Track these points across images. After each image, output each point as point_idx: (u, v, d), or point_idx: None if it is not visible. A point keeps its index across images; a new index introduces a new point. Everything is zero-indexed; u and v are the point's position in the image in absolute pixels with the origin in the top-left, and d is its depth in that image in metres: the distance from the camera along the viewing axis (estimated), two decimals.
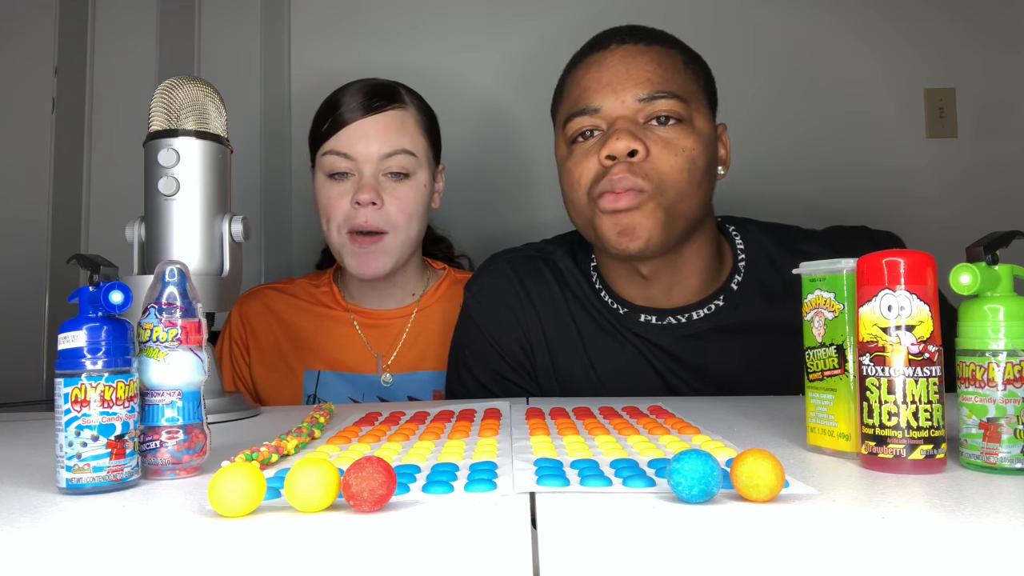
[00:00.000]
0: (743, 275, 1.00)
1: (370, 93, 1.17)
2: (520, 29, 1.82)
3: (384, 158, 1.14)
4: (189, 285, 0.57)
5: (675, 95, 0.92)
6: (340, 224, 1.15)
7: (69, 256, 0.59)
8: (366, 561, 0.37)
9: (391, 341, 1.22)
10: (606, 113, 0.93)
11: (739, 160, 1.74)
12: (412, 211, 1.16)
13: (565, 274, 1.06)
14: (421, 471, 0.53)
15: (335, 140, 1.15)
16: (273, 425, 0.82)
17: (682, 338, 0.99)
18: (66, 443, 0.50)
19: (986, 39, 1.79)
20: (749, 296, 0.99)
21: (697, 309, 0.99)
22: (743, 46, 1.79)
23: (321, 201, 1.17)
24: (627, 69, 0.93)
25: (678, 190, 0.91)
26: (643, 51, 0.94)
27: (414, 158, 1.16)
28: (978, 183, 1.77)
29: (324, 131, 1.16)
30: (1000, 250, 0.55)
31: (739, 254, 1.02)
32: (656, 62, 0.93)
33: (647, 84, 0.92)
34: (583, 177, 0.94)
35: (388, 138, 1.14)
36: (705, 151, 0.93)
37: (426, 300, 1.25)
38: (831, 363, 0.59)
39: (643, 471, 0.51)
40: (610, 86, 0.93)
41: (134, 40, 1.77)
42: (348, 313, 1.24)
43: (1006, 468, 0.51)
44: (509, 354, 1.06)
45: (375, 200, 1.13)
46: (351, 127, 1.14)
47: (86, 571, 0.36)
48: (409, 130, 1.17)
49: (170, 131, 0.87)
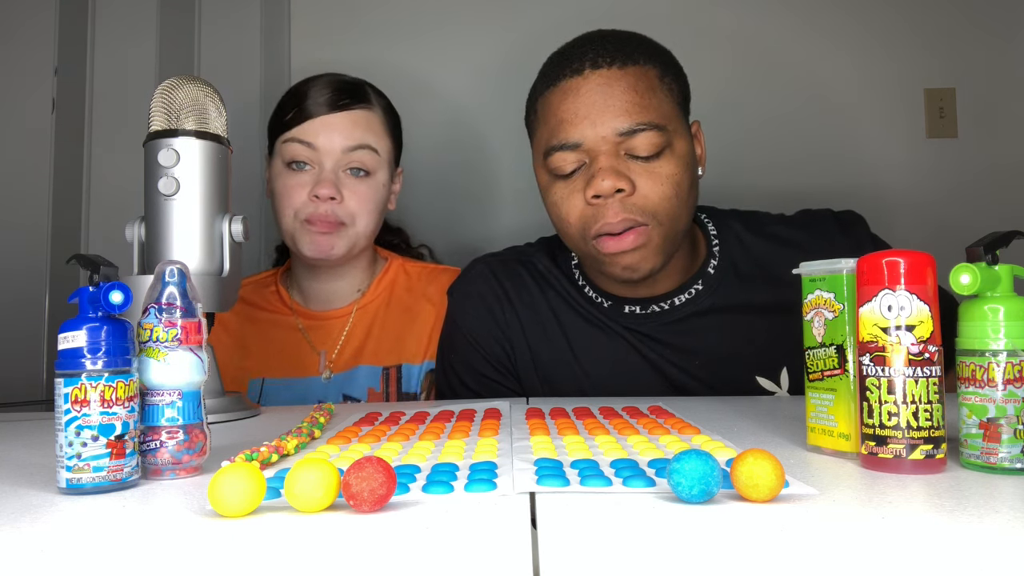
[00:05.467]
0: (718, 259, 1.04)
1: (339, 89, 1.16)
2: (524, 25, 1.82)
3: (347, 151, 1.13)
4: (189, 285, 0.57)
5: (654, 125, 0.91)
6: (297, 211, 1.14)
7: (69, 256, 0.58)
8: (366, 561, 0.37)
9: (335, 338, 1.21)
10: (587, 147, 0.92)
11: (738, 160, 1.75)
12: (371, 208, 1.16)
13: (545, 274, 1.09)
14: (421, 471, 0.53)
15: (299, 129, 1.13)
16: (273, 425, 0.82)
17: (666, 324, 1.02)
18: (66, 443, 0.50)
19: (986, 39, 1.79)
20: (725, 279, 1.03)
21: (678, 295, 1.02)
22: (743, 46, 1.79)
23: (278, 189, 1.16)
24: (604, 100, 0.92)
25: (670, 216, 0.93)
26: (618, 77, 0.93)
27: (376, 156, 1.16)
28: (978, 183, 1.77)
29: (288, 120, 1.15)
30: (1000, 250, 0.55)
31: (712, 240, 1.05)
32: (632, 88, 0.92)
33: (625, 116, 0.91)
34: (571, 215, 0.95)
35: (352, 133, 1.14)
36: (687, 170, 0.94)
37: (368, 296, 1.24)
38: (831, 363, 0.59)
39: (643, 471, 0.51)
40: (588, 119, 0.92)
41: (134, 40, 1.76)
42: (293, 316, 1.24)
43: (1006, 468, 0.51)
44: (491, 355, 1.09)
45: (334, 195, 1.12)
46: (315, 120, 1.13)
47: (86, 571, 0.36)
48: (374, 129, 1.17)
49: (170, 131, 0.87)
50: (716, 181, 1.58)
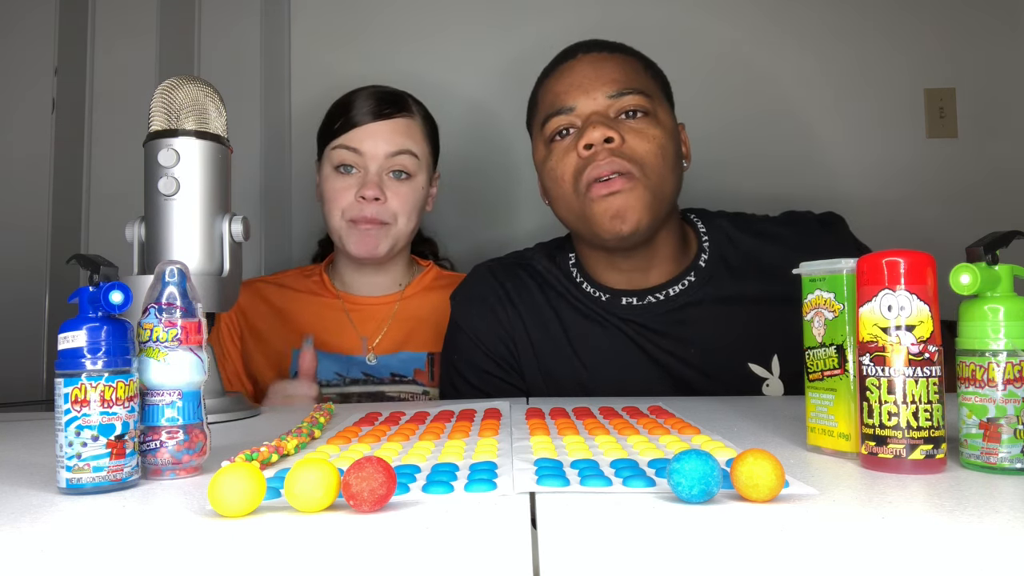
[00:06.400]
0: (708, 254, 1.10)
1: (382, 99, 1.26)
2: (520, 34, 1.82)
3: (389, 156, 1.23)
4: (189, 285, 0.57)
5: (640, 91, 1.02)
6: (344, 211, 1.23)
7: (69, 256, 0.58)
8: (366, 561, 0.37)
9: (377, 325, 1.29)
10: (580, 111, 1.02)
11: (736, 160, 1.75)
12: (411, 208, 1.25)
13: (544, 274, 1.14)
14: (421, 471, 0.53)
15: (346, 136, 1.23)
16: (273, 425, 0.82)
17: (662, 314, 1.07)
18: (66, 443, 0.50)
19: (986, 39, 1.78)
20: (716, 272, 1.09)
21: (672, 286, 1.08)
22: (741, 46, 1.79)
23: (327, 192, 1.25)
24: (595, 72, 1.03)
25: (657, 172, 1.00)
26: (607, 58, 1.05)
27: (416, 160, 1.25)
28: (978, 183, 1.77)
29: (336, 128, 1.25)
30: (1000, 250, 0.55)
31: (703, 236, 1.12)
32: (620, 67, 1.04)
33: (614, 83, 1.02)
34: (566, 172, 1.02)
35: (395, 140, 1.23)
36: (671, 141, 1.03)
37: (411, 289, 1.33)
38: (831, 363, 0.59)
39: (643, 471, 0.51)
40: (581, 87, 1.03)
41: (134, 40, 1.76)
42: (338, 300, 1.31)
43: (1006, 468, 0.51)
44: (495, 353, 1.12)
45: (379, 196, 1.21)
46: (361, 128, 1.23)
47: (86, 571, 0.36)
48: (414, 135, 1.26)
49: (170, 131, 0.87)
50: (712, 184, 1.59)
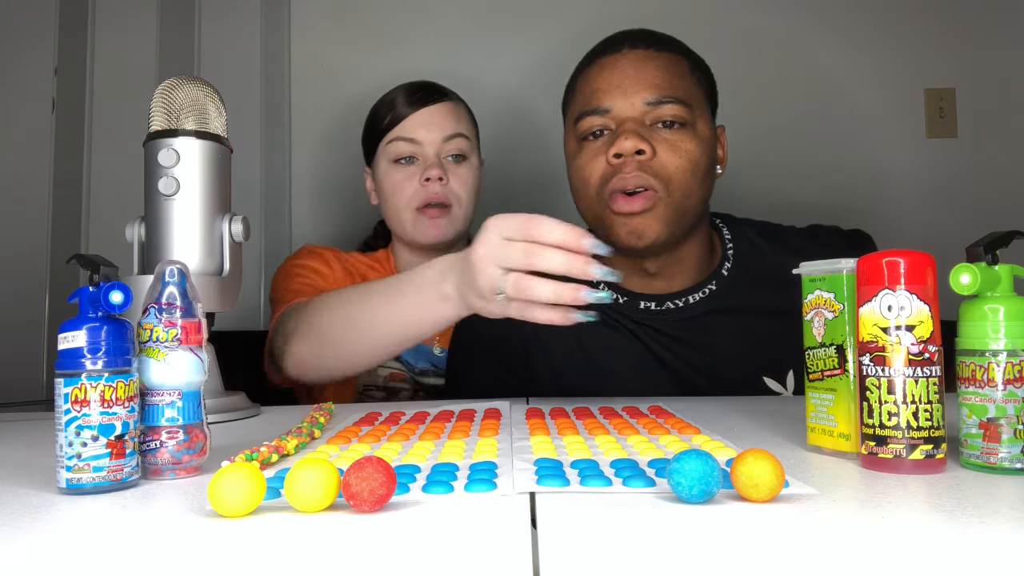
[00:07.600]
0: (732, 262, 1.08)
1: (424, 88, 1.29)
2: (522, 33, 1.82)
3: (445, 140, 1.26)
4: (189, 285, 0.57)
5: (680, 100, 0.98)
6: (409, 201, 1.26)
7: (69, 256, 0.58)
8: (366, 561, 0.37)
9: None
10: (615, 114, 0.98)
11: (738, 161, 1.75)
12: (471, 189, 1.29)
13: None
14: (421, 471, 0.53)
15: (400, 128, 1.26)
16: (273, 425, 0.82)
17: (680, 321, 1.05)
18: (66, 443, 0.50)
19: (986, 39, 1.79)
20: (739, 281, 1.07)
21: (693, 293, 1.06)
22: (741, 47, 1.79)
23: (387, 187, 1.28)
24: (637, 73, 0.99)
25: (683, 189, 0.97)
26: (653, 57, 1.00)
27: (468, 142, 1.29)
28: (978, 183, 1.77)
29: (385, 125, 1.28)
30: (1000, 250, 0.55)
31: (727, 244, 1.10)
32: (664, 68, 0.99)
33: (655, 89, 0.97)
34: (593, 175, 1.00)
35: (446, 124, 1.27)
36: (706, 153, 1.00)
37: None
38: (831, 363, 0.59)
39: (643, 471, 0.51)
40: (620, 88, 0.98)
41: (134, 40, 1.76)
42: None
43: (1006, 468, 0.51)
44: (504, 355, 1.10)
45: (443, 176, 1.24)
46: (411, 118, 1.26)
47: (86, 571, 0.36)
48: (462, 118, 1.30)
49: (170, 131, 0.87)
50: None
